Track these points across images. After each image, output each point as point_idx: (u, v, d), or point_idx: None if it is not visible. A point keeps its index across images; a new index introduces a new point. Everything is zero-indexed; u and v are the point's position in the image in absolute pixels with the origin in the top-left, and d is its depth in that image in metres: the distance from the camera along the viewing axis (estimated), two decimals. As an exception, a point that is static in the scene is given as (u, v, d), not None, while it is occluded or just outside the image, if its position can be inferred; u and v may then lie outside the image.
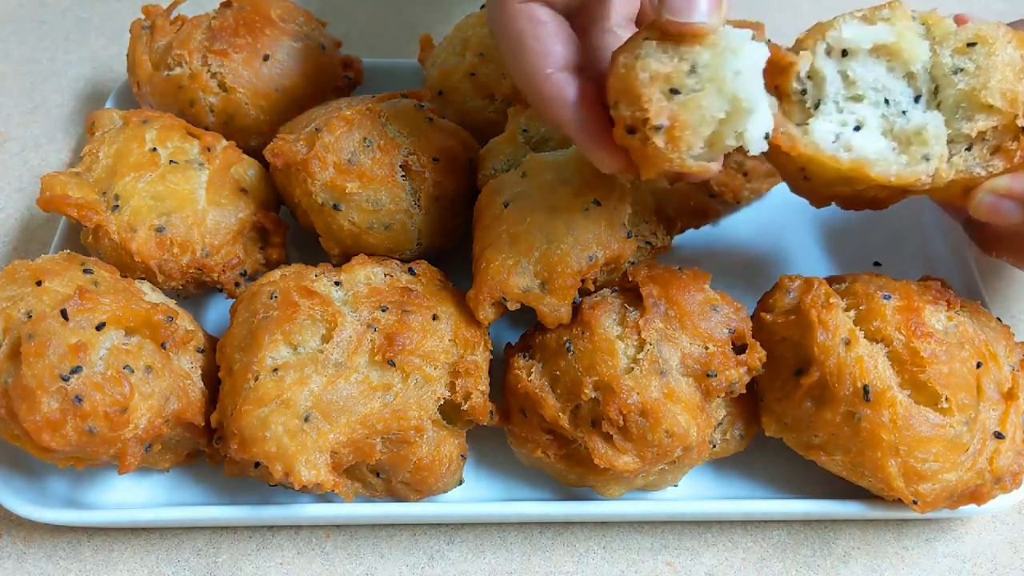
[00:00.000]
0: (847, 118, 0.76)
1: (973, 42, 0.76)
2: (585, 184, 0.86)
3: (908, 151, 0.76)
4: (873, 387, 0.78)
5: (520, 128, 0.97)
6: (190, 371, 0.84)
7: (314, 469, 0.75)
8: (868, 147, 0.75)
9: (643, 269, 0.87)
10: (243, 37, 1.06)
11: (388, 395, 0.79)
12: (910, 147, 0.76)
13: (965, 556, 0.89)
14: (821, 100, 0.77)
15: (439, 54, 1.13)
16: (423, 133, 0.94)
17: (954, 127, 0.77)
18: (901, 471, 0.78)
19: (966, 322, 0.83)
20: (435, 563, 0.87)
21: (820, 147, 0.75)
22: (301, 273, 0.87)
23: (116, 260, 0.92)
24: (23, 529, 0.89)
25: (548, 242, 0.84)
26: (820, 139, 0.75)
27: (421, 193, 0.93)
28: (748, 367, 0.82)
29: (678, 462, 0.82)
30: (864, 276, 0.89)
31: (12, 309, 0.78)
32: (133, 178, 0.93)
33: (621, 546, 0.89)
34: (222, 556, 0.88)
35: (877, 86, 0.77)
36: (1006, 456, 0.80)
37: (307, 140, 0.91)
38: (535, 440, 0.84)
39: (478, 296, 0.85)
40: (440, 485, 0.84)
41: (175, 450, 0.86)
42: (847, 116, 0.76)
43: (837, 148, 0.75)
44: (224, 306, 0.99)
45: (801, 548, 0.89)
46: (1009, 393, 0.81)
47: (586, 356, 0.82)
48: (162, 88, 1.07)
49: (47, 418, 0.74)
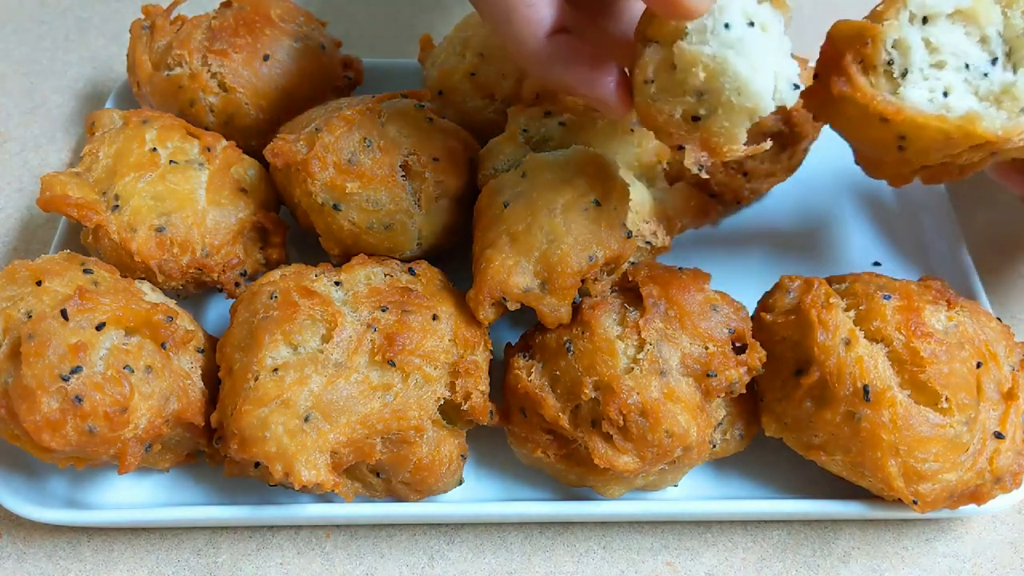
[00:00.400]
0: (934, 84, 0.77)
1: None
2: (585, 184, 0.86)
3: (1004, 107, 0.77)
4: (873, 387, 0.78)
5: (520, 128, 0.97)
6: (190, 371, 0.84)
7: (314, 469, 0.75)
8: (966, 107, 0.76)
9: (643, 269, 0.87)
10: (243, 37, 1.06)
11: (388, 395, 0.79)
12: (1003, 104, 0.77)
13: (965, 556, 0.89)
14: (908, 69, 0.77)
15: (439, 54, 1.13)
16: (423, 133, 0.94)
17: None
18: (901, 471, 0.78)
19: (966, 322, 0.83)
20: (435, 563, 0.87)
21: (924, 110, 0.76)
22: (301, 273, 0.87)
23: (116, 260, 0.92)
24: (23, 529, 0.89)
25: (548, 242, 0.84)
26: (920, 104, 0.76)
27: (421, 193, 0.93)
28: (748, 367, 0.82)
29: (678, 462, 0.82)
30: (864, 276, 0.89)
31: (12, 309, 0.78)
32: (133, 178, 0.93)
33: (621, 546, 0.89)
34: (222, 556, 0.88)
35: (957, 51, 0.77)
36: (1006, 456, 0.80)
37: (307, 140, 0.91)
38: (535, 440, 0.84)
39: (478, 296, 0.85)
40: (440, 485, 0.84)
41: (175, 450, 0.86)
42: (934, 83, 0.77)
43: (940, 110, 0.76)
44: (224, 306, 0.99)
45: (801, 548, 0.89)
46: (1009, 393, 0.81)
47: (586, 356, 0.82)
48: (162, 88, 1.07)
49: (47, 418, 0.74)
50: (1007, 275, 1.12)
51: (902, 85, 0.77)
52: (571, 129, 0.97)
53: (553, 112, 0.98)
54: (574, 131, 0.97)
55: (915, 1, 0.77)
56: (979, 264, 1.07)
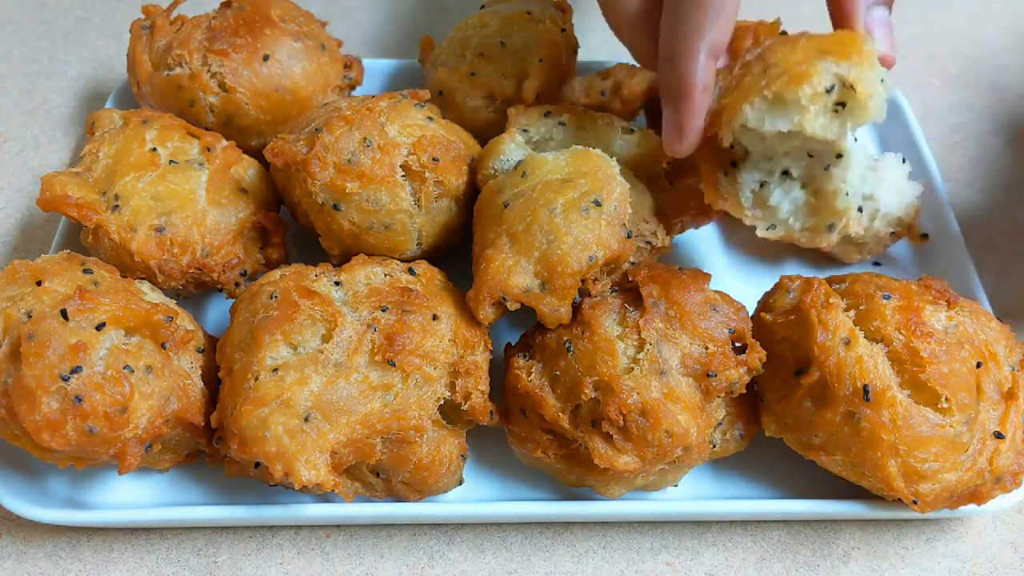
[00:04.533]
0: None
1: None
2: (585, 184, 0.86)
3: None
4: (873, 387, 0.78)
5: (520, 128, 0.97)
6: (190, 371, 0.84)
7: (314, 469, 0.75)
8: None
9: (643, 269, 0.87)
10: (243, 37, 1.06)
11: (388, 395, 0.79)
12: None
13: (965, 556, 0.89)
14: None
15: (439, 54, 1.13)
16: (423, 133, 0.94)
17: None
18: (901, 471, 0.78)
19: (966, 322, 0.83)
20: (435, 563, 0.87)
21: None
22: (301, 273, 0.87)
23: (116, 260, 0.92)
24: (23, 529, 0.89)
25: (548, 242, 0.84)
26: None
27: (421, 193, 0.93)
28: (748, 367, 0.82)
29: (678, 462, 0.82)
30: (864, 276, 0.89)
31: (12, 309, 0.78)
32: (133, 178, 0.93)
33: (621, 546, 0.89)
34: (222, 556, 0.88)
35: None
36: (1006, 456, 0.80)
37: (307, 140, 0.91)
38: (535, 440, 0.84)
39: (478, 296, 0.85)
40: (440, 485, 0.84)
41: (175, 450, 0.86)
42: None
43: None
44: (224, 306, 0.99)
45: (801, 548, 0.89)
46: (1009, 393, 0.81)
47: (586, 356, 0.82)
48: (162, 88, 1.07)
49: (47, 418, 0.74)
50: (1007, 275, 1.12)
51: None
52: (571, 129, 0.97)
53: (553, 112, 0.98)
54: (574, 131, 0.97)
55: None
56: (979, 264, 1.07)
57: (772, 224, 0.92)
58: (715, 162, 0.91)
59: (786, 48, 0.86)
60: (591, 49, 1.31)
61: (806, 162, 0.91)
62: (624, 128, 0.97)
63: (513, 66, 1.05)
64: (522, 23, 1.08)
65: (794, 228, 0.91)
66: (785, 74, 0.83)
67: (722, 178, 0.91)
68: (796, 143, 0.89)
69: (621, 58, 1.14)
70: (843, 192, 0.91)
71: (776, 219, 0.92)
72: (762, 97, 0.83)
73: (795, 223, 0.92)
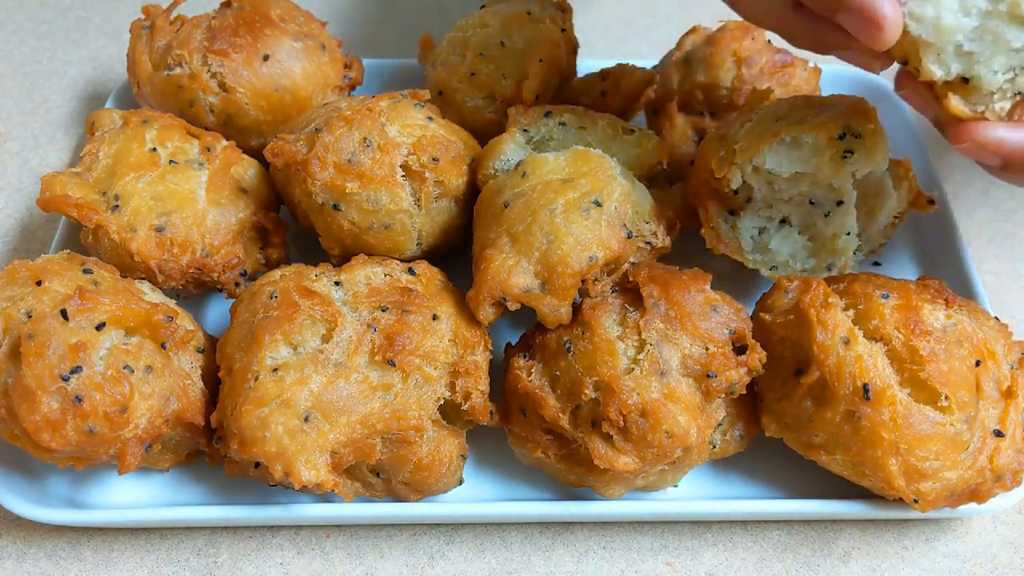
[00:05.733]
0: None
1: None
2: (585, 184, 0.86)
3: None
4: (873, 386, 0.78)
5: (520, 128, 0.97)
6: (190, 371, 0.84)
7: (314, 469, 0.75)
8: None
9: (643, 269, 0.87)
10: (243, 37, 1.06)
11: (388, 395, 0.79)
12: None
13: (965, 556, 0.89)
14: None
15: (439, 54, 1.13)
16: (423, 133, 0.94)
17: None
18: (902, 469, 0.78)
19: (965, 320, 0.83)
20: (435, 563, 0.87)
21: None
22: (301, 273, 0.87)
23: (116, 260, 0.92)
24: (23, 529, 0.89)
25: (548, 242, 0.84)
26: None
27: (421, 193, 0.93)
28: (748, 368, 0.82)
29: (678, 462, 0.82)
30: (862, 276, 0.89)
31: (12, 309, 0.78)
32: (133, 178, 0.93)
33: (621, 546, 0.89)
34: (222, 556, 0.88)
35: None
36: (1006, 454, 0.80)
37: (307, 140, 0.91)
38: (535, 440, 0.84)
39: (478, 296, 0.85)
40: (440, 485, 0.84)
41: (175, 450, 0.86)
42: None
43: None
44: (224, 306, 0.99)
45: (801, 548, 0.89)
46: (1008, 391, 0.81)
47: (586, 356, 0.82)
48: (162, 88, 1.07)
49: (47, 418, 0.74)
50: (1007, 275, 1.12)
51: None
52: (571, 129, 0.97)
53: (553, 112, 0.98)
54: (574, 131, 0.97)
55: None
56: (979, 264, 1.07)
57: (774, 266, 0.96)
58: (716, 209, 0.95)
59: (798, 101, 0.95)
60: (591, 49, 1.31)
61: (806, 209, 0.94)
62: (624, 128, 0.97)
63: (513, 66, 1.05)
64: (522, 23, 1.08)
65: (795, 269, 0.96)
66: (803, 122, 0.89)
67: (722, 224, 0.95)
68: (803, 187, 0.92)
69: (621, 58, 1.14)
70: (843, 234, 0.94)
71: (777, 261, 0.96)
72: (780, 141, 0.89)
73: (795, 264, 0.96)
